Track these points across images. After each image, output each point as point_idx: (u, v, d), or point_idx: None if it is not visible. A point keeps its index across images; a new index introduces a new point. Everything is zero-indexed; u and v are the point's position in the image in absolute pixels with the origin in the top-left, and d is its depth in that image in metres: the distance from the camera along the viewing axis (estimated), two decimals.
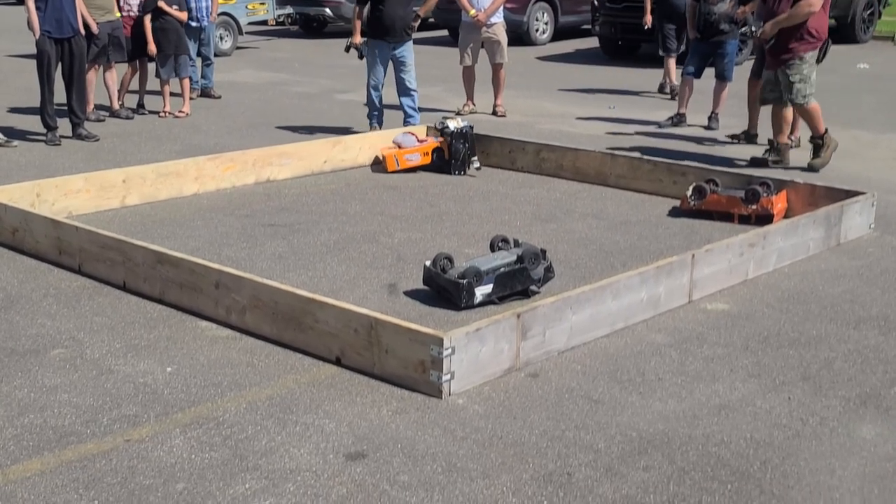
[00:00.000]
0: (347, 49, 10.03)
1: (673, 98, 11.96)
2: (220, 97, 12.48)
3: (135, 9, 11.10)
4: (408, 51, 9.86)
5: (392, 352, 4.43)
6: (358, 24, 9.91)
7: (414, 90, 9.89)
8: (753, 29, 8.59)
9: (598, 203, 7.67)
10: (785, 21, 8.18)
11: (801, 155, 8.73)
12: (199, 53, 12.44)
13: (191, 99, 11.89)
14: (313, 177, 8.50)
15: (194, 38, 12.19)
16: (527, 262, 5.48)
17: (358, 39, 9.88)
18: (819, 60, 8.33)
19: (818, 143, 8.49)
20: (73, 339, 4.95)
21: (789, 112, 8.54)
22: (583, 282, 5.58)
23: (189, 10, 11.92)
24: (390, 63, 9.82)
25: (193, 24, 12.07)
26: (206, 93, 12.57)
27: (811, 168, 8.39)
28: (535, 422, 4.11)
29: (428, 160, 8.63)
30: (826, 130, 8.47)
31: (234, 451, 3.86)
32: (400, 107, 9.96)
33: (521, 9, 17.95)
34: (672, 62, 12.48)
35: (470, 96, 11.55)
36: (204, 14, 12.25)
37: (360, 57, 9.98)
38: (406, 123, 9.85)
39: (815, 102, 8.39)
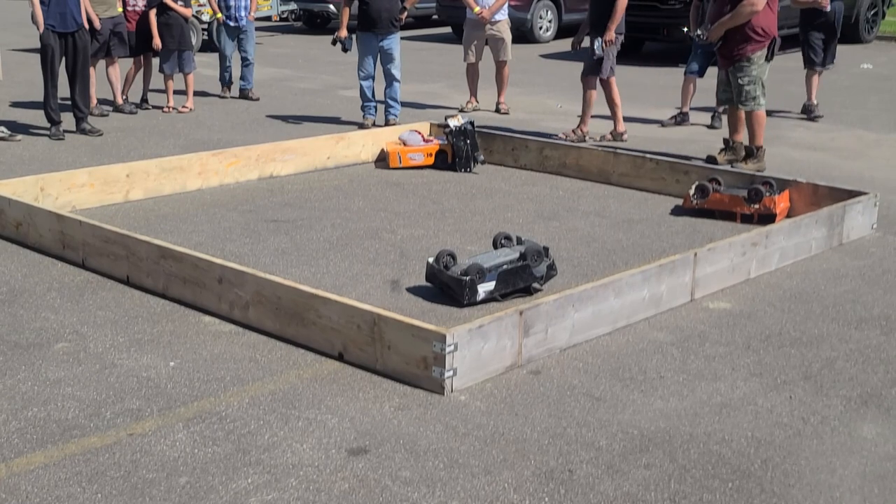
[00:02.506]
0: (334, 42, 10.48)
1: (812, 120, 10.94)
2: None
3: (140, 4, 11.11)
4: (394, 43, 10.19)
5: (394, 348, 4.44)
6: (344, 19, 10.37)
7: (398, 81, 10.23)
8: (700, 32, 8.51)
9: (601, 201, 7.67)
10: (729, 22, 8.09)
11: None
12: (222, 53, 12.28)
13: (254, 99, 11.92)
14: (316, 173, 8.51)
15: (233, 37, 12.06)
16: (529, 259, 5.49)
17: (343, 33, 10.31)
18: (768, 59, 8.19)
19: (752, 151, 8.35)
20: (77, 333, 4.97)
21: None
22: (585, 279, 5.59)
23: (228, 9, 11.91)
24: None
25: (231, 23, 11.98)
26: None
27: (728, 162, 8.31)
28: (537, 419, 4.12)
29: (431, 161, 8.64)
30: (762, 147, 8.33)
31: (237, 445, 3.87)
32: (383, 98, 10.28)
33: (525, 6, 17.95)
34: (815, 78, 11.01)
35: (473, 93, 11.57)
36: (242, 14, 11.97)
37: (345, 50, 10.39)
38: (388, 114, 10.21)
39: (763, 110, 8.26)
